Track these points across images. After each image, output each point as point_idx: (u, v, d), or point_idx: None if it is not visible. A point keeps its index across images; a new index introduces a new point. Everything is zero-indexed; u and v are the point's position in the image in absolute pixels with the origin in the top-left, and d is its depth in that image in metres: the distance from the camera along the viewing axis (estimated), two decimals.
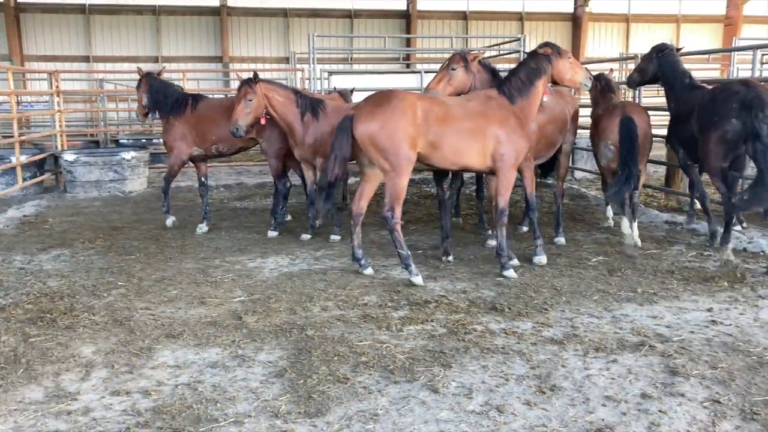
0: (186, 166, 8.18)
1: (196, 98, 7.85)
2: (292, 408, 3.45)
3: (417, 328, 4.57)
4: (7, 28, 27.50)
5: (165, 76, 8.09)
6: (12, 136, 10.56)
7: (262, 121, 6.99)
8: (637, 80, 7.72)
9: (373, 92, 5.86)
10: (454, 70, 6.18)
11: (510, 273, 5.78)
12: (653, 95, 12.55)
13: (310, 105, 7.02)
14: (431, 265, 6.22)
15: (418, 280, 5.61)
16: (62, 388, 3.72)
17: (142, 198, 10.48)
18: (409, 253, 5.73)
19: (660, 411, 3.40)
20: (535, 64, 5.92)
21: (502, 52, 16.01)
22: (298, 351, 4.19)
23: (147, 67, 27.34)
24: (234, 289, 5.53)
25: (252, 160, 14.72)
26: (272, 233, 7.51)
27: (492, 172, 5.84)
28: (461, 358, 4.08)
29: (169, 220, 8.03)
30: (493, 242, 6.57)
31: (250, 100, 6.75)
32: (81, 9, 28.48)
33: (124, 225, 8.23)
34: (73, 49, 28.52)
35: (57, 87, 11.68)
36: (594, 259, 6.32)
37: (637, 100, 9.35)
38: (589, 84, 6.19)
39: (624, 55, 23.64)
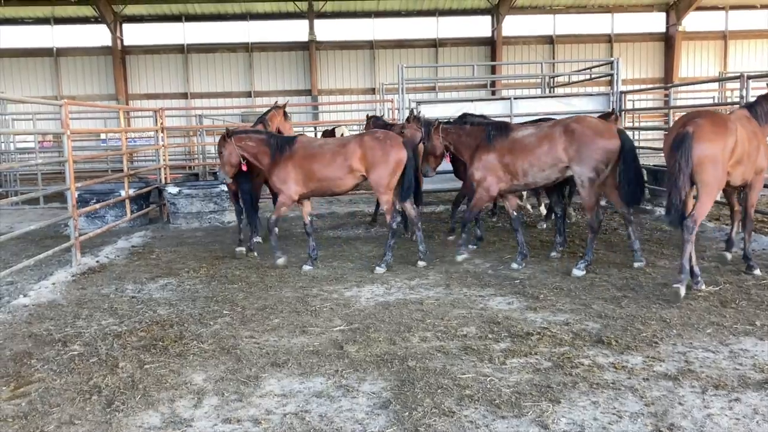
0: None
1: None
2: None
3: (521, 361, 4.47)
4: (114, 69, 29.52)
5: (257, 110, 8.42)
6: (122, 171, 11.23)
7: (243, 167, 7.76)
8: None
9: (695, 111, 6.22)
10: None
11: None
12: None
13: (279, 145, 7.55)
14: (530, 295, 6.10)
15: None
16: (177, 414, 3.86)
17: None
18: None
19: None
20: None
21: (593, 76, 15.66)
22: (401, 382, 4.18)
23: (240, 102, 28.47)
24: (333, 318, 5.61)
25: None
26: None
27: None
28: (569, 393, 3.94)
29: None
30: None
31: (223, 153, 7.72)
32: (180, 49, 30.20)
33: (225, 254, 8.54)
34: (172, 87, 30.25)
35: (162, 123, 12.36)
36: (704, 290, 6.00)
37: None
38: None
39: (723, 75, 22.65)
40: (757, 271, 6.46)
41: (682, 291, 5.72)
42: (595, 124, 6.74)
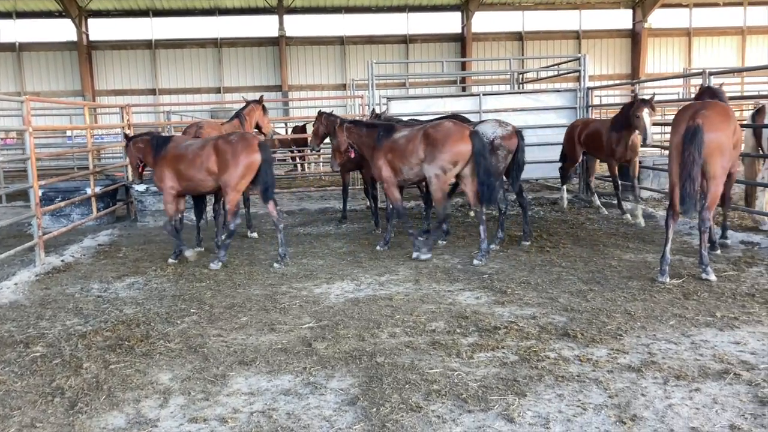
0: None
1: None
2: None
3: (488, 355, 4.51)
4: (80, 65, 28.97)
5: (227, 107, 8.39)
6: (87, 168, 11.05)
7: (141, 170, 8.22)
8: None
9: (699, 103, 6.39)
10: None
11: None
12: None
13: (158, 145, 7.79)
14: (498, 290, 6.15)
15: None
16: (142, 414, 3.82)
17: (210, 225, 10.75)
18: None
19: None
20: None
21: (561, 72, 15.82)
22: (369, 378, 4.19)
23: (210, 98, 28.13)
24: (302, 316, 5.59)
25: (313, 185, 14.95)
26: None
27: None
28: (535, 386, 3.99)
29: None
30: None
31: (128, 155, 8.35)
32: (147, 44, 29.76)
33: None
34: (140, 83, 29.80)
35: (128, 120, 12.17)
36: (668, 282, 6.11)
37: None
38: None
39: (687, 71, 23.07)
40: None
41: (713, 277, 6.14)
42: (447, 129, 7.26)
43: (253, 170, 7.38)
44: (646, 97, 8.89)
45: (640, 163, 11.67)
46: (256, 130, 9.78)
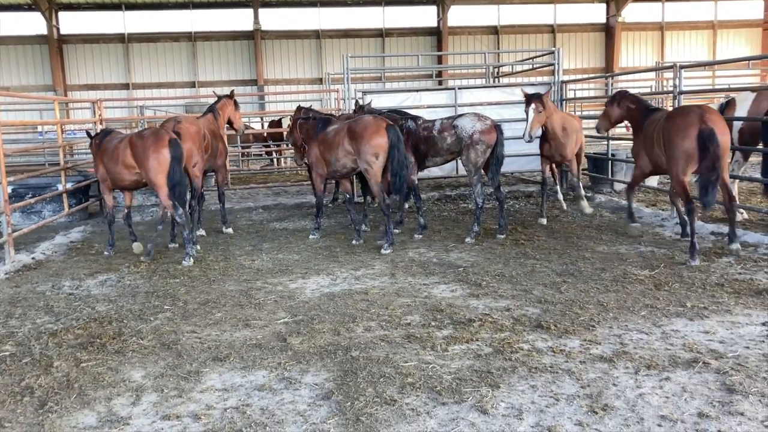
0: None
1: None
2: (341, 431, 3.44)
3: (462, 348, 4.54)
4: (51, 59, 28.48)
5: (202, 101, 8.36)
6: (58, 164, 10.87)
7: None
8: None
9: (693, 105, 7.04)
10: None
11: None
12: None
13: (99, 142, 8.04)
14: (473, 282, 6.18)
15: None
16: (114, 412, 3.77)
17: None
18: None
19: (719, 431, 3.29)
20: None
21: (535, 66, 15.91)
22: (344, 373, 4.19)
23: (184, 92, 27.78)
24: (277, 311, 5.57)
25: (289, 180, 14.87)
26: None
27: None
28: (509, 377, 4.02)
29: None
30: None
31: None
32: (120, 38, 29.35)
33: (166, 248, 8.36)
34: (113, 78, 29.39)
35: (100, 115, 12.00)
36: (640, 274, 6.20)
37: None
38: None
39: (659, 64, 23.34)
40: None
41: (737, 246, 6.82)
42: (366, 123, 7.65)
43: (164, 165, 7.41)
44: (542, 92, 8.84)
45: (613, 155, 11.82)
46: (228, 125, 9.72)
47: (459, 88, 12.38)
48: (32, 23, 28.67)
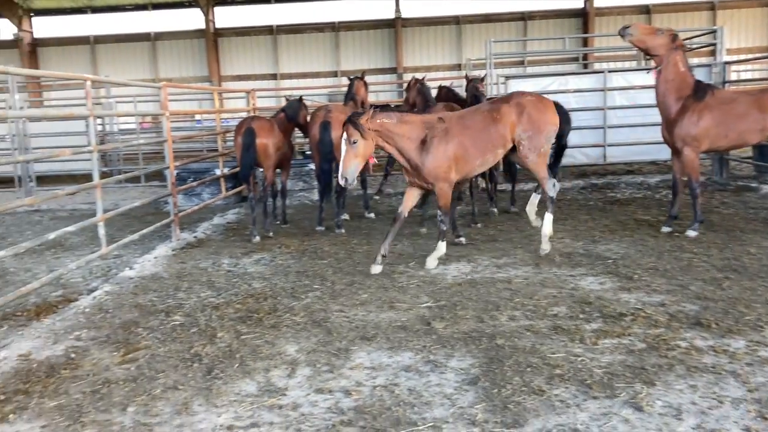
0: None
1: None
2: (489, 417, 3.44)
3: (613, 342, 4.37)
4: (208, 52, 30.54)
5: (343, 89, 8.77)
6: (216, 150, 11.67)
7: None
8: None
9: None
10: None
11: None
12: None
13: None
14: (623, 275, 5.92)
15: None
16: (272, 383, 4.02)
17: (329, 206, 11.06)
18: None
19: None
20: None
21: (694, 47, 14.81)
22: (489, 360, 4.17)
23: (327, 81, 28.72)
24: (420, 295, 5.65)
25: None
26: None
27: None
28: (665, 376, 3.82)
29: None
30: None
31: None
32: (269, 30, 30.87)
33: (315, 231, 8.73)
34: (263, 68, 30.99)
35: (254, 104, 12.72)
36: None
37: None
38: None
39: None
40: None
41: None
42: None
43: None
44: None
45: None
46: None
47: (609, 71, 11.81)
48: (191, 19, 30.90)
